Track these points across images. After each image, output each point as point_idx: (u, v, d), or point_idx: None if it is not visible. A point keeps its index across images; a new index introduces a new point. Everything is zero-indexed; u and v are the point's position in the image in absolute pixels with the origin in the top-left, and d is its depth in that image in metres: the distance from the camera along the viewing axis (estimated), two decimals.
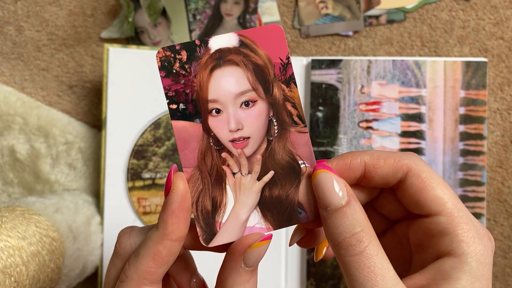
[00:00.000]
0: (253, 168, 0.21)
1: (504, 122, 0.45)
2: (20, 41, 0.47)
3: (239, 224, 0.21)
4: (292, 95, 0.21)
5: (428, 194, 0.20)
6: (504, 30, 0.45)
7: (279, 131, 0.21)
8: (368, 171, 0.21)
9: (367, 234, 0.19)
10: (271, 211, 0.21)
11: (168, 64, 0.21)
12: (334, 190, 0.20)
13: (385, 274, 0.19)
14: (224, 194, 0.22)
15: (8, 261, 0.32)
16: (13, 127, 0.45)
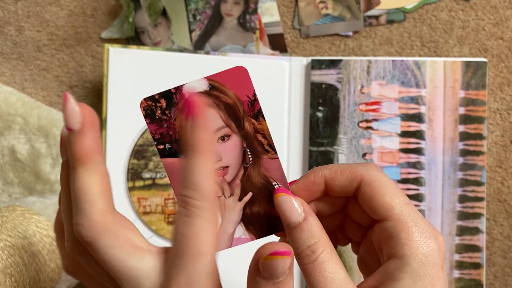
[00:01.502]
0: (233, 191, 0.25)
1: (504, 122, 0.46)
2: (20, 41, 0.47)
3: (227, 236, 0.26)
4: (262, 127, 0.25)
5: (378, 201, 0.23)
6: (504, 30, 0.45)
7: (253, 159, 0.25)
8: (328, 184, 0.24)
9: (321, 245, 0.22)
10: (253, 224, 0.25)
11: (151, 112, 0.24)
12: (292, 210, 0.23)
13: (334, 277, 0.21)
14: None
15: (8, 260, 0.32)
16: (13, 127, 0.45)
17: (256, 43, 0.46)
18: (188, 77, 0.45)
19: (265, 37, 0.46)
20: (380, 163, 0.43)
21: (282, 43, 0.46)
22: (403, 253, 0.21)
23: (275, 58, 0.45)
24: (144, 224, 0.44)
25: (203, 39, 0.46)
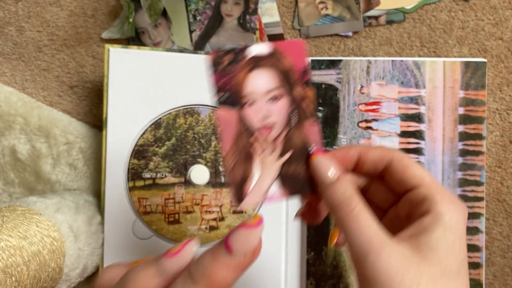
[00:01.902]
0: (275, 149, 0.27)
1: (503, 122, 0.46)
2: (21, 41, 0.47)
3: (262, 192, 0.27)
4: (308, 95, 0.27)
5: (411, 173, 0.26)
6: (503, 31, 0.45)
7: (297, 122, 0.28)
8: (361, 158, 0.27)
9: (355, 199, 0.24)
10: (287, 183, 0.27)
11: (217, 64, 0.28)
12: (328, 169, 0.26)
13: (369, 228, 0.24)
14: (252, 168, 0.27)
15: (9, 260, 0.32)
16: (14, 127, 0.45)
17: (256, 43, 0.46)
18: (188, 77, 0.46)
19: (265, 37, 0.46)
20: None
21: None
22: (437, 210, 0.24)
23: None
24: (144, 224, 0.44)
25: (203, 40, 0.46)
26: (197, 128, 0.44)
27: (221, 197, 0.44)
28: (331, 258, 0.43)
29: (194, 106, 0.44)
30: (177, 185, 0.44)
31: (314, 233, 0.43)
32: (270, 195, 0.27)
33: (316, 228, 0.43)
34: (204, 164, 0.44)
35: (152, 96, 0.43)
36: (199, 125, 0.44)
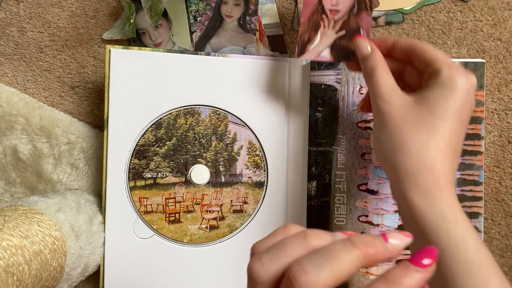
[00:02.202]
0: (335, 26, 0.39)
1: (502, 122, 0.46)
2: (22, 42, 0.47)
3: (317, 52, 0.39)
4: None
5: (428, 54, 0.33)
6: (501, 31, 0.46)
7: (357, 11, 0.39)
8: (394, 44, 0.36)
9: (378, 65, 0.34)
10: (336, 51, 0.39)
11: None
12: (365, 46, 0.35)
13: (386, 82, 0.33)
14: (315, 35, 0.39)
15: (10, 260, 0.32)
16: (15, 127, 0.45)
17: (256, 44, 0.46)
18: (189, 77, 0.46)
19: (265, 38, 0.47)
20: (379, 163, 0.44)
21: (282, 44, 0.46)
22: (441, 75, 0.32)
23: (275, 59, 0.45)
24: (145, 223, 0.44)
25: (203, 40, 0.46)
26: (198, 128, 0.44)
27: (221, 197, 0.44)
28: None
29: (195, 106, 0.44)
30: (178, 185, 0.44)
31: None
32: (322, 56, 0.39)
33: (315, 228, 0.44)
34: (205, 164, 0.44)
35: (153, 97, 0.44)
36: (200, 125, 0.44)
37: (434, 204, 0.30)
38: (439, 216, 0.29)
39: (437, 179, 0.30)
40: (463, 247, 0.28)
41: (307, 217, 0.44)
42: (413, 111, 0.32)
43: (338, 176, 0.44)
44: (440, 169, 0.30)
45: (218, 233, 0.44)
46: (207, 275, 0.44)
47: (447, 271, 0.28)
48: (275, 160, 0.44)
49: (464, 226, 0.29)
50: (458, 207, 0.30)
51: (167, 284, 0.44)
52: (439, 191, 0.30)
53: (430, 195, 0.30)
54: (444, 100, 0.31)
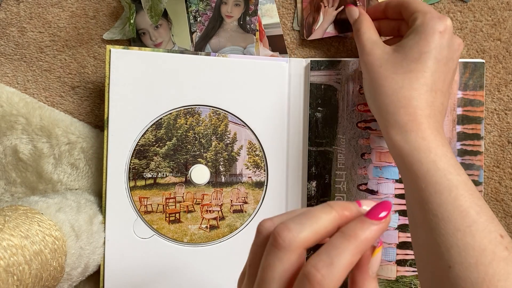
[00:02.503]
0: (334, 4, 0.44)
1: (501, 122, 0.46)
2: (22, 42, 0.47)
3: (323, 30, 0.45)
4: None
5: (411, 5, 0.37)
6: (501, 32, 0.46)
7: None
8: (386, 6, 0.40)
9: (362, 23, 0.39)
10: (338, 25, 0.45)
11: None
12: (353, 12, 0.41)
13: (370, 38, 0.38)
14: (319, 16, 0.45)
15: (11, 259, 0.32)
16: (16, 127, 0.45)
17: (256, 44, 0.46)
18: (189, 78, 0.46)
19: (265, 38, 0.47)
20: (378, 163, 0.44)
21: (281, 44, 0.47)
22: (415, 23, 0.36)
23: (274, 59, 0.45)
24: (145, 223, 0.44)
25: (203, 41, 0.46)
26: (198, 128, 0.44)
27: (221, 197, 0.45)
28: None
29: (195, 106, 0.44)
30: (178, 185, 0.44)
31: None
32: (327, 32, 0.45)
33: None
34: (205, 164, 0.45)
35: (153, 97, 0.44)
36: (200, 125, 0.44)
37: (409, 136, 0.33)
38: (412, 147, 0.32)
39: (413, 115, 0.33)
40: (433, 172, 0.31)
41: None
42: (391, 58, 0.35)
43: (338, 176, 0.44)
44: (416, 105, 0.33)
45: (218, 233, 0.44)
46: (207, 275, 0.44)
47: (422, 193, 0.31)
48: (275, 160, 0.45)
49: (437, 153, 0.32)
50: (434, 138, 0.33)
51: (167, 284, 0.44)
52: (415, 125, 0.33)
53: (406, 129, 0.33)
54: (417, 44, 0.35)
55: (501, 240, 0.29)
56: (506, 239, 0.29)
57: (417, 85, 0.34)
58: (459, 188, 0.31)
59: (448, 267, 0.29)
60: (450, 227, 0.30)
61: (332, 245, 0.22)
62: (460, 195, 0.30)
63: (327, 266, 0.21)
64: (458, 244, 0.29)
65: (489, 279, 0.28)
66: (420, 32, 0.35)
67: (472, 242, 0.29)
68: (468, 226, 0.29)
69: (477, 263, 0.28)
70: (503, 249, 0.29)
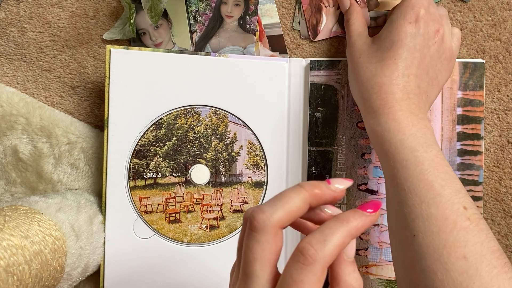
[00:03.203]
0: (335, 3, 0.45)
1: (501, 122, 0.46)
2: (22, 42, 0.47)
3: (329, 30, 0.45)
4: None
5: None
6: (501, 32, 0.46)
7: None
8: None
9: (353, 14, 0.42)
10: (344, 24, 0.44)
11: None
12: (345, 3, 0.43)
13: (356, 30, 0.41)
14: (321, 16, 0.45)
15: (11, 259, 0.32)
16: (16, 127, 0.45)
17: (256, 44, 0.46)
18: (189, 78, 0.46)
19: (265, 38, 0.47)
20: (378, 163, 0.44)
21: (281, 44, 0.47)
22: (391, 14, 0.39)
23: (274, 59, 0.45)
24: (145, 223, 0.44)
25: (203, 41, 0.46)
26: (198, 128, 0.44)
27: (221, 197, 0.45)
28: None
29: (195, 106, 0.44)
30: (178, 185, 0.44)
31: None
32: (334, 32, 0.45)
33: None
34: (205, 164, 0.45)
35: (153, 97, 0.44)
36: (200, 125, 0.44)
37: (380, 119, 0.35)
38: (383, 128, 0.35)
39: (384, 99, 0.35)
40: (400, 149, 0.33)
41: None
42: (369, 49, 0.38)
43: (338, 176, 0.44)
44: (386, 90, 0.36)
45: (218, 233, 0.44)
46: (207, 275, 0.44)
47: (391, 169, 0.34)
48: (275, 160, 0.45)
49: (405, 133, 0.34)
50: (405, 119, 0.34)
51: (167, 284, 0.44)
52: (387, 108, 0.35)
53: (378, 113, 0.35)
54: (389, 34, 0.37)
55: (464, 211, 0.31)
56: (470, 210, 0.31)
57: (388, 72, 0.36)
58: (424, 164, 0.33)
59: (413, 235, 0.31)
60: (416, 199, 0.32)
61: (326, 226, 0.24)
62: (425, 170, 0.32)
63: (321, 242, 0.23)
64: (422, 214, 0.31)
65: (449, 246, 0.30)
66: (393, 22, 0.38)
67: (435, 212, 0.31)
68: (432, 198, 0.31)
69: (439, 232, 0.30)
70: (464, 219, 0.30)
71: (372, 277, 0.43)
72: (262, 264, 0.24)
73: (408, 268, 0.32)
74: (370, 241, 0.44)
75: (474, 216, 0.31)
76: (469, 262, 0.29)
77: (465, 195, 0.32)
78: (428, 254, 0.30)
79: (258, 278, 0.24)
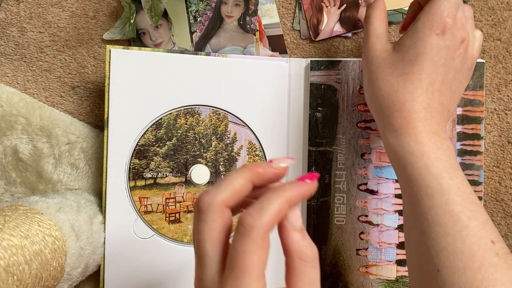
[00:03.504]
0: (336, 3, 0.45)
1: (501, 122, 0.46)
2: (22, 42, 0.47)
3: (330, 30, 0.45)
4: None
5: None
6: (501, 32, 0.46)
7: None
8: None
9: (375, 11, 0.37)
10: (345, 23, 0.45)
11: None
12: None
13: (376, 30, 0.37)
14: (322, 16, 0.46)
15: (11, 259, 0.32)
16: (16, 127, 0.45)
17: (256, 44, 0.46)
18: (189, 78, 0.46)
19: (265, 38, 0.47)
20: (378, 163, 0.44)
21: (281, 44, 0.47)
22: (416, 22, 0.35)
23: (274, 59, 0.45)
24: (145, 223, 0.44)
25: (203, 41, 0.46)
26: (198, 128, 0.44)
27: None
28: (330, 257, 0.44)
29: (195, 106, 0.44)
30: (178, 185, 0.44)
31: (313, 232, 0.44)
32: (335, 31, 0.45)
33: (315, 228, 0.44)
34: (205, 164, 0.45)
35: (153, 97, 0.44)
36: (200, 125, 0.44)
37: (402, 140, 0.33)
38: (406, 150, 0.33)
39: (407, 118, 0.33)
40: (425, 176, 0.31)
41: (307, 217, 0.44)
42: (389, 58, 0.35)
43: (338, 176, 0.44)
44: (410, 109, 0.33)
45: None
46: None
47: (414, 196, 0.32)
48: None
49: (430, 157, 0.32)
50: (429, 141, 0.32)
51: (167, 284, 0.44)
52: (409, 129, 0.33)
53: (401, 133, 0.33)
54: (414, 45, 0.34)
55: (492, 246, 0.29)
56: (497, 245, 0.29)
57: (412, 88, 0.34)
58: (450, 193, 0.31)
59: (436, 270, 0.29)
60: (440, 231, 0.30)
61: (264, 197, 0.25)
62: (451, 200, 0.30)
63: (258, 211, 0.24)
64: (447, 248, 0.29)
65: (477, 285, 0.28)
66: (418, 31, 0.34)
67: (461, 247, 0.29)
68: (459, 231, 0.29)
69: (466, 268, 0.28)
70: (493, 255, 0.29)
71: (372, 277, 0.43)
72: (212, 243, 0.24)
73: None
74: (370, 241, 0.44)
75: (502, 251, 0.29)
76: None
77: (492, 227, 0.30)
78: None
79: (210, 257, 0.24)
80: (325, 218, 0.44)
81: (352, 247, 0.43)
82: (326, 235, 0.44)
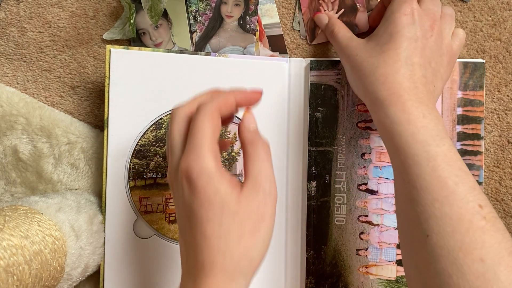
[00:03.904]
0: (334, 7, 0.45)
1: (501, 122, 0.46)
2: (22, 42, 0.47)
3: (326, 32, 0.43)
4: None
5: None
6: (501, 32, 0.46)
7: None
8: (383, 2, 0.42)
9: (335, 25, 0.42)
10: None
11: None
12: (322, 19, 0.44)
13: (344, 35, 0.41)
14: None
15: (11, 259, 0.32)
16: (16, 127, 0.45)
17: (256, 44, 0.46)
18: (189, 78, 0.46)
19: (265, 38, 0.47)
20: (378, 163, 0.44)
21: (281, 44, 0.47)
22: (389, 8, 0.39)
23: (274, 59, 0.45)
24: (145, 223, 0.44)
25: (203, 41, 0.46)
26: None
27: None
28: (330, 257, 0.44)
29: None
30: None
31: (313, 232, 0.44)
32: None
33: (315, 228, 0.44)
34: None
35: (153, 97, 0.44)
36: None
37: (389, 110, 0.34)
38: (392, 120, 0.33)
39: (392, 89, 0.34)
40: (412, 144, 0.32)
41: (307, 217, 0.44)
42: (366, 46, 0.38)
43: (338, 176, 0.44)
44: (393, 80, 0.34)
45: None
46: None
47: (402, 165, 0.32)
48: (275, 160, 0.44)
49: (416, 125, 0.32)
50: (415, 109, 0.33)
51: (167, 284, 0.44)
52: (394, 98, 0.34)
53: (386, 104, 0.34)
54: (387, 29, 0.37)
55: (480, 210, 0.30)
56: (485, 209, 0.30)
57: (391, 62, 0.35)
58: (437, 159, 0.31)
59: (426, 236, 0.30)
60: (429, 198, 0.30)
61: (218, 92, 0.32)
62: (438, 166, 0.31)
63: (210, 97, 0.32)
64: (436, 214, 0.30)
65: (465, 247, 0.29)
66: (388, 17, 0.37)
67: (449, 211, 0.30)
68: (446, 196, 0.30)
69: (454, 232, 0.29)
70: (480, 218, 0.29)
71: (372, 277, 0.43)
72: (179, 135, 0.31)
73: (421, 270, 0.31)
74: (370, 241, 0.44)
75: (490, 215, 0.30)
76: (486, 265, 0.28)
77: (479, 192, 0.30)
78: (443, 256, 0.29)
79: (177, 143, 0.30)
80: (325, 218, 0.44)
81: (352, 247, 0.43)
82: (326, 235, 0.44)
